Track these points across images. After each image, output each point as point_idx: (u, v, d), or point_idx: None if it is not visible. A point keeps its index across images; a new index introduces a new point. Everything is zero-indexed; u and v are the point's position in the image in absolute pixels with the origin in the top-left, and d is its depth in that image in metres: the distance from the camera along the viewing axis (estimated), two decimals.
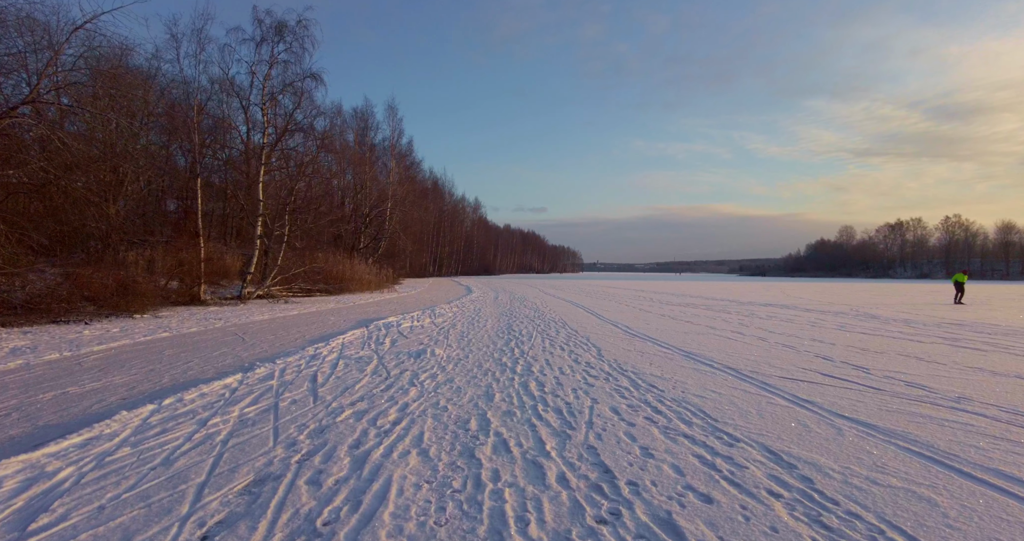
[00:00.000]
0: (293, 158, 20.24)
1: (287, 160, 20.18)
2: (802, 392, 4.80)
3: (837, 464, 2.98)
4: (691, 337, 8.79)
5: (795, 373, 5.74)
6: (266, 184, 17.99)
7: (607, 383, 5.19)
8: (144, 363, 6.04)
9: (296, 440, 3.39)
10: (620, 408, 4.25)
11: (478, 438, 3.48)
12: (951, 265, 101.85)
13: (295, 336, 8.66)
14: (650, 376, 5.53)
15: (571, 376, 5.54)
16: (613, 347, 7.61)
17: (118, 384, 4.91)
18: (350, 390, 4.82)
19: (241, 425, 3.69)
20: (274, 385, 4.99)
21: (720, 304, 17.60)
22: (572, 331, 9.53)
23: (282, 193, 19.27)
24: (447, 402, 4.43)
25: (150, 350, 6.99)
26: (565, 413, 4.10)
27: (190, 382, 5.04)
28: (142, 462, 2.92)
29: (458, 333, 9.15)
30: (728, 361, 6.48)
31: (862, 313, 14.10)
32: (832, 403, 4.38)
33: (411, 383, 5.15)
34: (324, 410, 4.14)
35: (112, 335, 8.23)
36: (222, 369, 5.78)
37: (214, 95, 18.45)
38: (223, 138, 21.36)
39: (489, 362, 6.36)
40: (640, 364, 6.23)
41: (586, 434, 3.57)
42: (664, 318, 12.23)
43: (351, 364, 6.11)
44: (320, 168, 28.19)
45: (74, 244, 14.61)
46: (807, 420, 3.88)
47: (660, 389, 4.93)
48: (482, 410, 4.18)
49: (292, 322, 10.82)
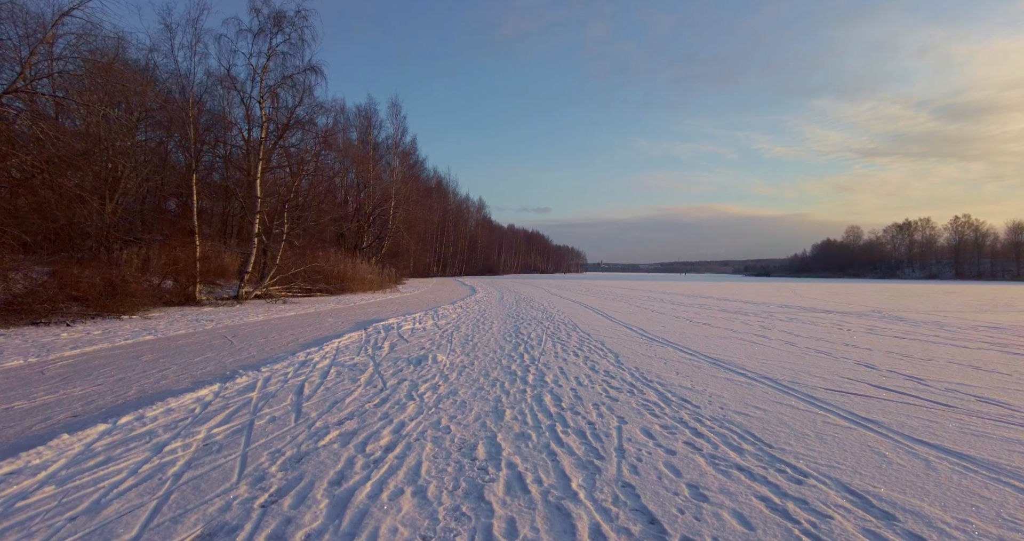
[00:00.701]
0: (293, 155, 19.70)
1: (289, 157, 19.64)
2: (858, 408, 4.15)
3: (949, 514, 2.35)
4: (713, 341, 8.14)
5: (841, 384, 5.09)
6: (265, 181, 17.43)
7: (632, 397, 4.56)
8: (115, 371, 5.45)
9: (266, 473, 2.78)
10: (653, 430, 3.62)
11: (487, 471, 2.86)
12: (960, 266, 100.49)
13: (287, 339, 8.07)
14: (679, 388, 4.90)
15: (590, 388, 4.91)
16: (632, 353, 6.98)
17: (75, 397, 4.32)
18: (339, 405, 4.21)
19: (204, 451, 3.08)
20: (254, 398, 4.39)
21: (734, 305, 16.91)
22: (584, 335, 8.89)
23: (281, 190, 18.71)
24: (450, 421, 3.81)
25: (127, 355, 6.41)
26: (589, 436, 3.48)
27: (159, 394, 4.45)
28: (62, 508, 2.31)
29: (462, 336, 8.53)
30: (761, 369, 5.83)
31: (885, 315, 13.40)
32: (900, 423, 3.74)
33: (409, 396, 4.53)
34: (306, 431, 3.53)
35: (91, 338, 7.66)
36: (200, 378, 5.19)
37: (210, 89, 17.90)
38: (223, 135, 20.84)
39: (497, 370, 5.73)
40: (665, 373, 5.60)
41: (618, 466, 2.94)
42: (680, 320, 11.58)
43: (344, 373, 5.50)
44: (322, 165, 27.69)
45: (64, 242, 14.09)
46: (880, 447, 3.25)
47: (694, 404, 4.30)
48: (491, 431, 3.56)
49: (287, 324, 10.23)
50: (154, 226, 17.92)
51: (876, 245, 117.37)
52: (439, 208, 58.41)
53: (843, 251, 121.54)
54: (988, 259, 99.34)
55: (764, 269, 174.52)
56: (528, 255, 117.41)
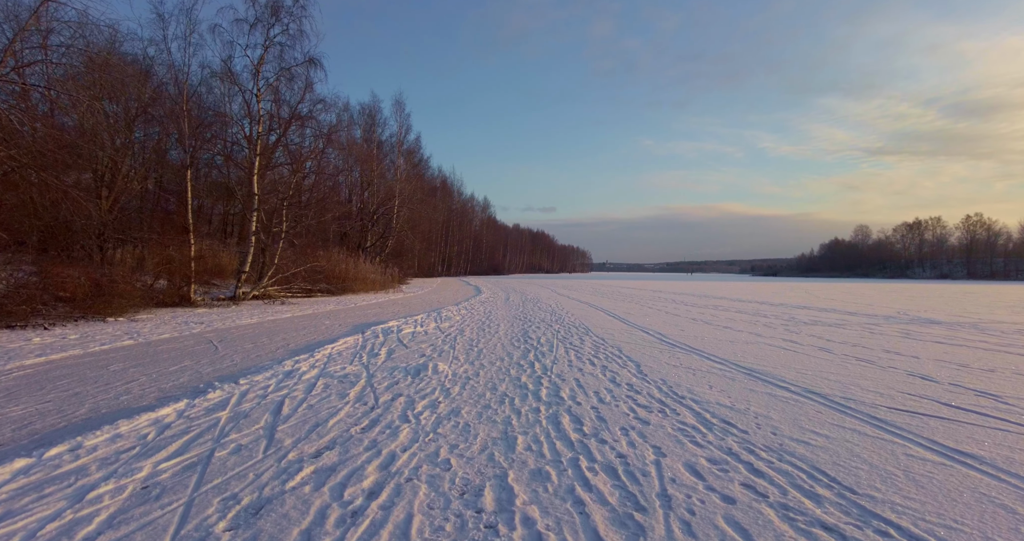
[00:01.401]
0: (293, 152, 19.12)
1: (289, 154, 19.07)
2: (940, 435, 3.46)
3: None
4: (739, 347, 7.45)
5: (902, 401, 4.39)
6: (264, 178, 16.85)
7: (665, 418, 3.89)
8: (74, 383, 4.83)
9: (209, 534, 2.13)
10: (700, 465, 2.94)
11: (497, 531, 2.20)
12: (973, 265, 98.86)
13: (277, 345, 7.45)
14: (718, 406, 4.22)
15: (613, 406, 4.23)
16: (653, 361, 6.29)
17: (11, 419, 3.69)
18: (320, 428, 3.57)
19: (139, 499, 2.44)
20: (223, 419, 3.75)
21: (750, 306, 16.17)
22: (599, 339, 8.22)
23: (280, 188, 18.12)
24: (450, 451, 3.16)
25: (95, 364, 5.79)
26: (622, 475, 2.81)
27: (112, 414, 3.81)
28: None
29: (466, 341, 7.88)
30: (803, 381, 5.14)
31: (914, 317, 12.63)
32: (1007, 459, 3.04)
33: (403, 417, 3.88)
34: (275, 466, 2.88)
35: (65, 343, 7.06)
36: (168, 392, 4.56)
37: (206, 82, 17.33)
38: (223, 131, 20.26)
39: (505, 383, 5.07)
40: (697, 387, 4.91)
41: (666, 523, 2.27)
42: (697, 323, 10.87)
43: (332, 386, 4.86)
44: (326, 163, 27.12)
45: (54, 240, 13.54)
46: (1000, 496, 2.56)
47: (741, 429, 3.62)
48: (500, 469, 2.90)
49: (280, 327, 9.61)
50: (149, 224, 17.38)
51: (885, 244, 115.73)
52: (444, 207, 57.79)
53: (851, 251, 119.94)
54: (1001, 258, 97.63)
55: (771, 269, 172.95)
56: (533, 255, 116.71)
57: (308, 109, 17.72)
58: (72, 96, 10.79)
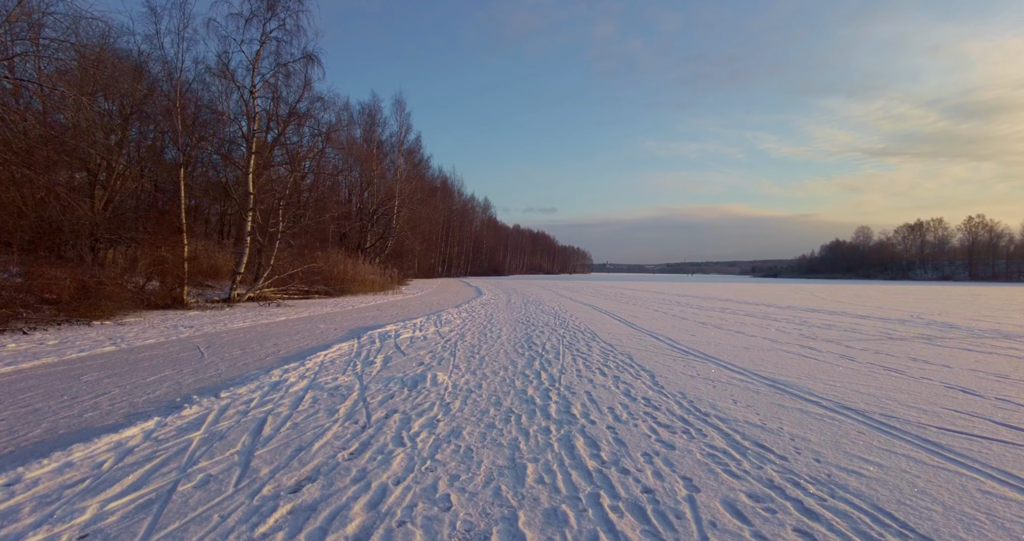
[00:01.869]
0: (291, 151, 18.72)
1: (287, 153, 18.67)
2: (1011, 465, 3.04)
3: None
4: (756, 354, 7.02)
5: (951, 419, 3.97)
6: (260, 177, 16.44)
7: (691, 441, 3.46)
8: (38, 397, 4.40)
9: None
10: (740, 503, 2.52)
11: None
12: (975, 267, 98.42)
13: (268, 351, 7.02)
14: (747, 426, 3.79)
15: (632, 426, 3.81)
16: (668, 371, 5.87)
17: None
18: (303, 454, 3.14)
19: None
20: (195, 441, 3.33)
21: (758, 309, 15.74)
22: (606, 346, 7.79)
23: (277, 187, 17.71)
24: (450, 485, 2.73)
25: (68, 374, 5.37)
26: (652, 516, 2.38)
27: (69, 436, 3.39)
28: None
29: (467, 348, 7.45)
30: (834, 395, 4.72)
31: (929, 321, 12.20)
32: None
33: (398, 439, 3.45)
34: (246, 505, 2.46)
35: (42, 349, 6.64)
36: (139, 408, 4.13)
37: (200, 77, 16.92)
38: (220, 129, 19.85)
39: (510, 397, 4.65)
40: (720, 402, 4.49)
41: None
42: (707, 327, 10.44)
43: (321, 400, 4.43)
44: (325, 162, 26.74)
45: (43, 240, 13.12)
46: None
47: (778, 454, 3.20)
48: (509, 507, 2.47)
49: (273, 331, 9.19)
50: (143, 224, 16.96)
51: (887, 246, 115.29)
52: (444, 208, 57.38)
53: (853, 252, 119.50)
54: (1003, 260, 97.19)
55: (772, 270, 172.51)
56: (534, 255, 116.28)
57: (307, 107, 17.34)
58: (62, 91, 10.38)
